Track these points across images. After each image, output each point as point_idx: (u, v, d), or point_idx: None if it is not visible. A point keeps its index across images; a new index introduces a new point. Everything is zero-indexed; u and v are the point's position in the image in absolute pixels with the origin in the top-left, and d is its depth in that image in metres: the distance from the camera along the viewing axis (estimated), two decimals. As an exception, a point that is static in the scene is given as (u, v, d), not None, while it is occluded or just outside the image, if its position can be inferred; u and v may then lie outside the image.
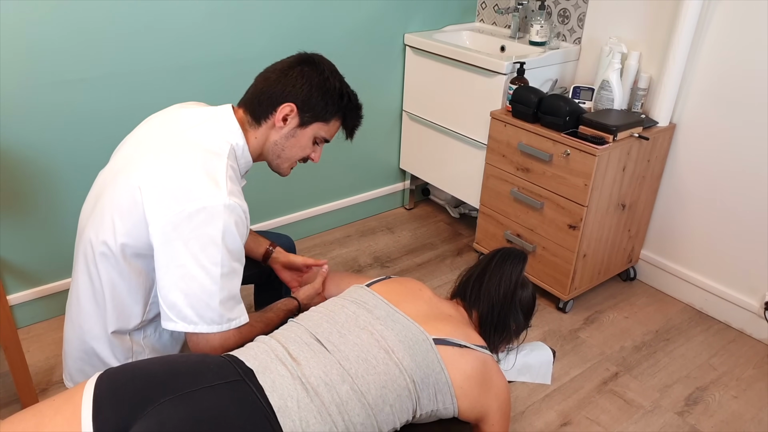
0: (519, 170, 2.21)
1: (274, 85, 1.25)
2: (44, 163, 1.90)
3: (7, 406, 1.75)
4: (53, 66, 1.80)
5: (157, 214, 1.13)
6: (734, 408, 1.87)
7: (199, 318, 1.14)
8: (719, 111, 2.08)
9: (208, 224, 1.11)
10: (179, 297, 1.13)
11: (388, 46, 2.56)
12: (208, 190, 1.12)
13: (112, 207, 1.19)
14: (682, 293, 2.37)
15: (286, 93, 1.24)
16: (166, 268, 1.13)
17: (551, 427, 1.77)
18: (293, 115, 1.26)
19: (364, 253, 2.60)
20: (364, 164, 2.77)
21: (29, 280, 2.02)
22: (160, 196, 1.13)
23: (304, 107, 1.26)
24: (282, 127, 1.27)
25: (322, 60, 1.29)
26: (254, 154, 1.30)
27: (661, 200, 2.34)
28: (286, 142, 1.30)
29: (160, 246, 1.13)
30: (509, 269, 1.29)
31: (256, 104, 1.27)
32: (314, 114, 1.27)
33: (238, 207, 1.15)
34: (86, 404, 0.95)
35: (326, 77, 1.26)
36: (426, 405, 1.10)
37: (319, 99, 1.26)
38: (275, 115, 1.26)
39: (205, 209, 1.11)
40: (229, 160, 1.19)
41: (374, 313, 1.16)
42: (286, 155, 1.32)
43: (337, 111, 1.31)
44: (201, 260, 1.12)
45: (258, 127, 1.28)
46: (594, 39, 2.38)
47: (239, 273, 1.19)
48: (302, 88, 1.24)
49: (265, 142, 1.30)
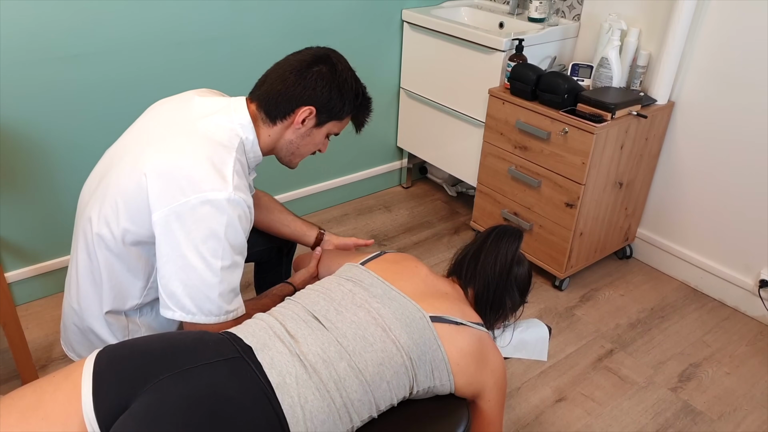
0: (517, 148, 2.20)
1: (293, 87, 1.23)
2: (41, 140, 1.89)
3: (7, 382, 1.76)
4: (48, 42, 1.78)
5: (161, 202, 1.12)
6: (727, 384, 1.90)
7: (198, 309, 1.15)
8: (718, 89, 2.07)
9: (211, 217, 1.11)
10: (179, 287, 1.13)
11: (386, 22, 2.54)
12: (214, 183, 1.12)
13: (117, 190, 1.18)
14: (677, 271, 2.38)
15: (306, 96, 1.24)
16: (167, 257, 1.13)
17: (546, 402, 1.80)
18: (311, 117, 1.26)
19: (361, 232, 2.61)
20: (362, 143, 2.75)
21: (27, 258, 2.03)
22: (165, 184, 1.12)
23: (322, 109, 1.26)
24: (300, 128, 1.27)
25: (338, 58, 1.28)
26: (265, 149, 1.30)
27: (659, 179, 2.34)
28: (301, 141, 1.30)
29: (162, 235, 1.13)
30: (505, 247, 1.29)
31: (272, 104, 1.25)
32: (331, 115, 1.28)
33: (242, 202, 1.14)
34: (86, 380, 0.96)
35: (344, 78, 1.26)
36: (423, 382, 1.11)
37: (337, 101, 1.26)
38: (294, 117, 1.25)
39: (209, 202, 1.11)
40: (237, 153, 1.19)
41: (370, 291, 1.16)
42: (300, 152, 1.33)
43: (352, 110, 1.32)
44: (202, 252, 1.12)
45: (272, 126, 1.27)
46: (593, 15, 2.35)
47: (240, 266, 1.19)
48: (322, 92, 1.24)
49: (279, 140, 1.29)
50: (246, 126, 1.24)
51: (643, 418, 1.76)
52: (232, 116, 1.23)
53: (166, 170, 1.13)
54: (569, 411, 1.77)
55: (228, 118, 1.23)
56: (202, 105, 1.26)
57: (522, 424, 1.72)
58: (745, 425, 1.75)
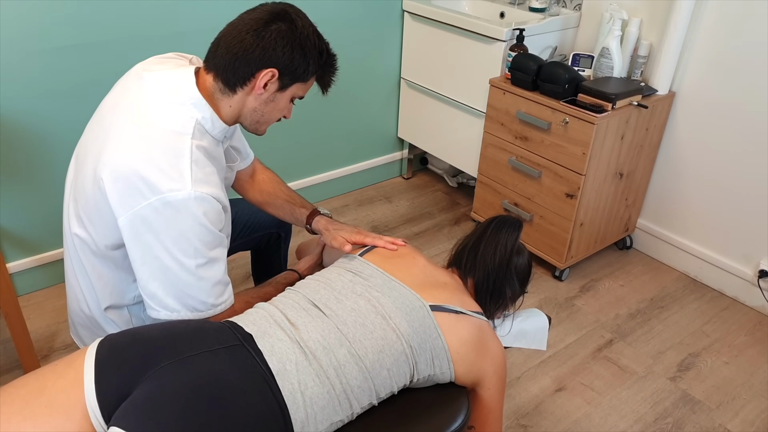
0: (517, 139, 2.20)
1: (252, 49, 1.11)
2: (41, 130, 1.89)
3: (9, 372, 1.77)
4: (48, 32, 1.78)
5: (124, 207, 1.07)
6: (725, 374, 1.90)
7: (182, 306, 1.12)
8: (719, 80, 2.06)
9: (175, 219, 1.06)
10: (158, 288, 1.11)
11: (387, 12, 2.53)
12: (171, 183, 1.05)
13: (85, 198, 1.15)
14: (677, 262, 2.38)
15: (266, 58, 1.11)
16: (141, 261, 1.10)
17: (546, 392, 1.81)
18: (274, 80, 1.14)
19: (362, 223, 2.61)
20: (362, 133, 2.75)
21: (29, 248, 2.03)
22: (123, 189, 1.07)
23: (285, 71, 1.14)
24: (262, 93, 1.15)
25: (297, 13, 1.15)
26: (229, 120, 1.20)
27: (659, 169, 2.34)
28: (265, 108, 1.19)
29: (131, 239, 1.09)
30: (505, 237, 1.29)
31: (230, 71, 1.13)
32: (294, 76, 1.16)
33: (205, 197, 1.07)
34: (88, 368, 0.96)
35: (306, 35, 1.13)
36: (423, 370, 1.12)
37: (300, 61, 1.14)
38: (254, 82, 1.14)
39: (170, 204, 1.05)
40: (194, 140, 1.10)
41: (370, 281, 1.17)
42: (265, 120, 1.23)
43: (317, 69, 1.19)
44: (174, 254, 1.08)
45: (233, 95, 1.16)
46: (594, 5, 2.34)
47: (220, 259, 1.14)
48: (283, 51, 1.11)
49: (242, 109, 1.19)
50: (199, 104, 1.13)
51: (642, 408, 1.77)
52: (183, 96, 1.13)
53: (121, 174, 1.07)
54: (569, 400, 1.78)
55: (178, 99, 1.13)
56: (152, 85, 1.15)
57: (522, 414, 1.73)
58: (744, 414, 1.76)
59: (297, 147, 2.52)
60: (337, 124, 2.62)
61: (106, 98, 1.25)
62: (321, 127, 2.58)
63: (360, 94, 2.63)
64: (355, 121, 2.68)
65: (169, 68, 1.20)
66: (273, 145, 2.43)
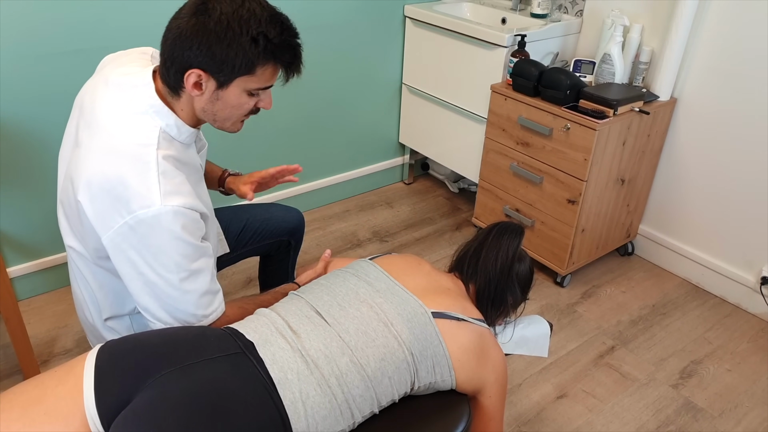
0: (519, 144, 2.20)
1: (172, 48, 1.04)
2: (42, 135, 1.89)
3: (9, 377, 1.77)
4: (50, 37, 1.78)
5: (103, 227, 1.06)
6: (728, 381, 1.89)
7: (173, 319, 1.12)
8: (721, 86, 2.06)
9: (150, 235, 1.04)
10: (150, 301, 1.10)
11: (388, 17, 2.53)
12: (141, 200, 1.02)
13: (72, 217, 1.15)
14: (679, 268, 2.38)
15: (186, 58, 1.03)
16: (129, 276, 1.09)
17: (547, 399, 1.80)
18: (205, 79, 1.06)
19: (363, 228, 2.61)
20: (364, 138, 2.75)
21: (29, 253, 2.03)
22: (101, 209, 1.05)
23: (212, 69, 1.05)
24: (200, 94, 1.08)
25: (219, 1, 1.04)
26: (192, 122, 1.14)
27: (661, 175, 2.33)
28: (213, 107, 1.11)
29: (117, 256, 1.08)
30: (506, 243, 1.29)
31: (165, 75, 1.08)
32: (229, 71, 1.05)
33: (179, 209, 1.04)
34: (88, 375, 0.96)
35: (225, 25, 1.01)
36: (424, 377, 1.11)
37: (225, 54, 1.03)
38: (185, 85, 1.07)
39: (143, 222, 1.03)
40: (160, 150, 1.06)
41: (374, 286, 1.16)
42: (222, 117, 1.14)
43: (258, 58, 1.05)
44: (157, 269, 1.07)
45: (179, 98, 1.10)
46: (596, 11, 2.35)
47: (204, 270, 1.12)
48: (200, 49, 1.02)
49: (194, 110, 1.12)
50: (161, 111, 1.09)
51: (644, 415, 1.76)
52: (143, 105, 1.09)
53: (95, 195, 1.05)
54: (570, 408, 1.77)
55: (140, 108, 1.09)
56: (115, 94, 1.11)
57: (523, 421, 1.73)
58: (746, 422, 1.75)
59: (298, 152, 2.52)
60: (339, 129, 2.62)
61: (79, 96, 1.21)
62: (322, 133, 2.58)
63: (361, 100, 2.63)
64: (356, 126, 2.68)
65: (132, 72, 1.15)
66: (273, 150, 2.43)
